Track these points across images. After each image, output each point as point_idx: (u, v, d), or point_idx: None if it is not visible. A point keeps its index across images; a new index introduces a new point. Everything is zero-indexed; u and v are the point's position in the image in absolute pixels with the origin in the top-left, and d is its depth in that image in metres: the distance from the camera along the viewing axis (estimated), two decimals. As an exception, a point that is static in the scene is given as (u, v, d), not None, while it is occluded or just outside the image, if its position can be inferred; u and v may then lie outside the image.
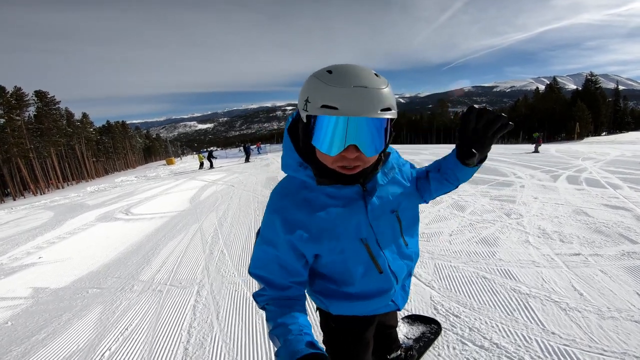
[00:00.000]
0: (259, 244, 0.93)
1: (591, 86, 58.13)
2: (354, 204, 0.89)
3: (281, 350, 0.78)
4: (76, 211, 8.63)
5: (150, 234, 5.28)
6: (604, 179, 6.25)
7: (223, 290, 2.86)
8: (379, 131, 0.74)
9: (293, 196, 0.89)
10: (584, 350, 1.69)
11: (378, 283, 0.99)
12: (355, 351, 1.13)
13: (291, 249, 0.88)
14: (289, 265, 0.90)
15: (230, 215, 5.72)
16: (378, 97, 0.70)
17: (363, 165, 0.79)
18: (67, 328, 2.63)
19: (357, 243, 0.91)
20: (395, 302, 1.08)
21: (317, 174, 0.84)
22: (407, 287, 1.14)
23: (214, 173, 15.25)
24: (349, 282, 0.98)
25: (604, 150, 13.52)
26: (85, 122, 52.69)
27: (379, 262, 0.95)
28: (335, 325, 1.12)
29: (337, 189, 0.87)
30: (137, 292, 3.09)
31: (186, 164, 30.43)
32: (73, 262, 4.35)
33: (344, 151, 0.73)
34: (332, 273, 0.98)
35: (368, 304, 1.02)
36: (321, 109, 0.70)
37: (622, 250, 2.84)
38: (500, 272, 2.63)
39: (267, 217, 0.91)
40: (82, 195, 13.52)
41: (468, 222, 3.99)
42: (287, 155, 0.89)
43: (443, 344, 1.84)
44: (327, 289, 1.02)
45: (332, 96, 0.69)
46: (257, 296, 0.94)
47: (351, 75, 0.70)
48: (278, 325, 0.84)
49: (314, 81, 0.73)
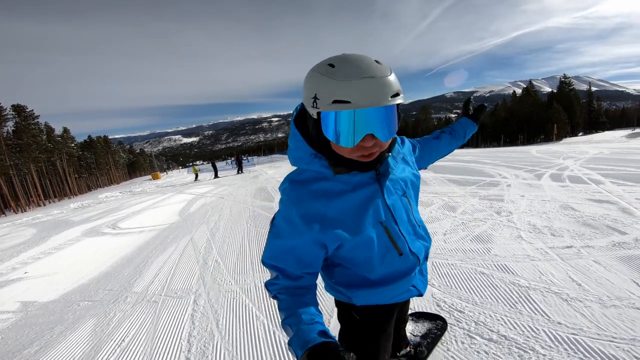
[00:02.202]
0: (274, 236, 0.91)
1: (565, 88, 60.10)
2: (370, 188, 0.90)
3: (293, 339, 0.78)
4: (60, 227, 8.37)
5: (140, 247, 5.14)
6: (585, 175, 6.45)
7: (221, 299, 2.79)
8: (391, 116, 0.75)
9: (309, 187, 0.88)
10: (594, 338, 1.71)
11: (399, 266, 1.00)
12: (381, 342, 1.13)
13: (310, 240, 0.87)
14: (305, 257, 0.89)
15: (222, 226, 5.63)
16: (387, 85, 0.71)
17: (380, 150, 0.81)
18: (61, 341, 2.54)
19: (378, 227, 0.92)
20: (416, 287, 1.09)
21: (332, 164, 0.84)
22: (424, 272, 1.16)
23: (202, 186, 15.06)
24: (371, 268, 0.98)
25: (583, 149, 13.99)
26: (66, 137, 51.24)
27: (399, 244, 0.96)
28: (359, 317, 1.10)
29: (351, 176, 0.87)
30: (131, 304, 3.00)
31: (172, 178, 29.87)
32: (61, 276, 4.21)
33: (362, 141, 0.74)
34: (353, 261, 0.97)
35: (391, 290, 1.02)
36: (333, 105, 0.70)
37: (612, 241, 2.92)
38: (498, 267, 2.67)
39: (284, 209, 0.89)
40: (65, 212, 13.11)
41: (460, 221, 4.04)
42: (297, 148, 0.89)
43: (451, 339, 1.84)
44: (349, 279, 1.02)
45: (343, 91, 0.69)
46: (269, 285, 0.93)
47: (356, 67, 0.70)
48: (290, 315, 0.84)
49: (319, 77, 0.73)
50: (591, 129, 59.95)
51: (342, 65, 0.71)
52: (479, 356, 1.68)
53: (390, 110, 0.73)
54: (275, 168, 19.43)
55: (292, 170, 0.95)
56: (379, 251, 0.95)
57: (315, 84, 0.73)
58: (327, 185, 0.88)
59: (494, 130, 63.74)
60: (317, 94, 0.72)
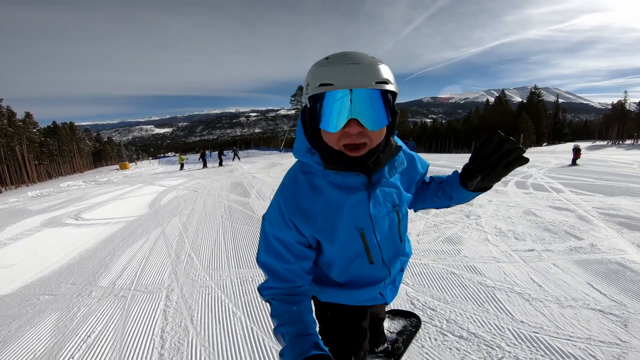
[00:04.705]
0: (264, 227, 0.94)
1: (535, 99, 62.71)
2: (357, 194, 0.90)
3: (286, 350, 0.78)
4: (17, 217, 7.84)
5: (106, 239, 4.90)
6: (547, 184, 6.88)
7: (195, 294, 2.74)
8: (378, 104, 0.74)
9: (300, 179, 0.91)
10: (553, 336, 1.84)
11: (368, 273, 1.01)
12: (353, 339, 1.15)
13: (294, 229, 0.89)
14: (291, 246, 0.90)
15: (195, 220, 5.49)
16: (372, 70, 0.72)
17: (369, 144, 0.78)
18: (20, 336, 2.38)
19: (353, 231, 0.92)
20: (383, 295, 1.10)
21: (324, 159, 0.84)
22: (397, 283, 1.17)
23: (173, 178, 14.58)
24: (335, 269, 1.00)
25: (546, 159, 14.85)
26: (28, 122, 47.95)
27: (372, 253, 0.97)
28: (331, 314, 1.13)
29: (342, 177, 0.88)
30: (97, 298, 2.86)
31: (142, 169, 28.58)
32: (18, 268, 3.94)
33: (347, 126, 0.74)
34: (324, 259, 1.00)
35: (357, 294, 1.04)
36: (318, 88, 0.73)
37: (569, 246, 3.15)
38: (467, 267, 2.80)
39: (274, 199, 0.93)
40: (22, 200, 12.26)
41: (432, 223, 4.19)
42: (298, 140, 0.91)
43: (425, 335, 1.92)
44: (316, 274, 1.04)
45: (328, 74, 0.72)
46: (262, 289, 0.94)
47: (345, 56, 0.74)
48: (284, 324, 0.84)
49: (313, 67, 0.77)
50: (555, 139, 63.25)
51: (335, 56, 0.76)
52: (450, 352, 1.77)
53: (376, 96, 0.73)
54: (251, 163, 19.03)
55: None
56: (348, 256, 0.97)
57: (309, 73, 0.77)
58: (315, 181, 0.90)
59: (467, 137, 66.16)
60: (309, 82, 0.76)
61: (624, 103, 61.96)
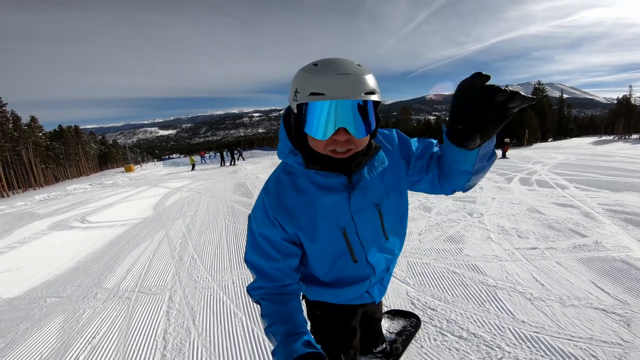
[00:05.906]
0: (250, 226, 0.96)
1: (539, 95, 62.11)
2: (337, 195, 0.92)
3: (278, 350, 0.79)
4: (25, 220, 7.96)
5: (111, 242, 4.97)
6: (552, 180, 6.81)
7: (197, 295, 2.76)
8: (365, 113, 0.76)
9: (283, 180, 0.94)
10: (554, 336, 1.82)
11: (352, 272, 1.03)
12: (342, 338, 1.16)
13: (279, 227, 0.92)
14: (277, 244, 0.93)
15: (198, 222, 5.53)
16: (361, 81, 0.73)
17: (355, 149, 0.80)
18: (27, 338, 2.43)
19: (335, 231, 0.94)
20: (371, 294, 1.12)
21: (306, 160, 0.86)
22: (385, 282, 1.18)
23: (177, 180, 14.67)
24: (320, 268, 1.02)
25: (551, 154, 14.70)
26: (33, 126, 48.41)
27: (355, 252, 0.98)
28: (320, 313, 1.15)
29: (323, 177, 0.90)
30: (102, 300, 2.90)
31: (147, 171, 28.80)
32: (25, 271, 4.01)
33: (335, 135, 0.76)
34: (309, 258, 1.01)
35: (343, 293, 1.06)
36: (309, 97, 0.74)
37: (573, 244, 3.11)
38: (468, 266, 2.79)
39: (258, 198, 0.96)
40: (30, 204, 12.45)
41: (435, 222, 4.18)
42: (281, 142, 0.93)
43: (424, 336, 1.92)
44: (305, 274, 1.06)
45: (319, 84, 0.73)
46: (251, 289, 0.96)
47: (335, 65, 0.75)
48: (274, 323, 0.86)
49: (302, 73, 0.77)
50: (560, 135, 62.49)
51: (323, 64, 0.76)
52: (450, 353, 1.77)
53: (362, 106, 0.75)
54: (255, 164, 19.15)
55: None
56: (331, 254, 0.99)
57: (298, 80, 0.78)
58: (297, 181, 0.93)
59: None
60: (297, 88, 0.77)
61: (629, 98, 60.98)
